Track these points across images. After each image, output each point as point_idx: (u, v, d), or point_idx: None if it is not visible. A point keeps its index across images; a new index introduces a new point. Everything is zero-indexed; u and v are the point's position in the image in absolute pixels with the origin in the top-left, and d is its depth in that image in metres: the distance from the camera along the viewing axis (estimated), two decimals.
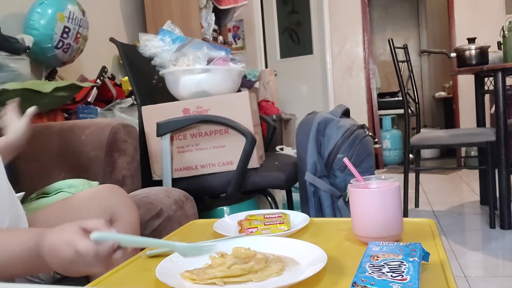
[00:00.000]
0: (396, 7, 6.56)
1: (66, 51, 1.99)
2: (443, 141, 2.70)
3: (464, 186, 3.68)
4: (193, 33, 2.84)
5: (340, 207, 1.71)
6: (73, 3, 2.00)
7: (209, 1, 3.10)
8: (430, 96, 6.34)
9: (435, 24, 6.15)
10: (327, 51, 4.85)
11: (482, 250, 2.17)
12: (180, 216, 1.32)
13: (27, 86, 1.53)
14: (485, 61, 2.66)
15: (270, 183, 1.70)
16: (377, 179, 0.84)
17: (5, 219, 0.84)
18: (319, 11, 4.89)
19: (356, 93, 4.83)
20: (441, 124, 5.97)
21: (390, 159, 4.99)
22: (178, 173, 1.71)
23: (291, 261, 0.71)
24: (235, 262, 0.68)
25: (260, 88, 3.96)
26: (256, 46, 4.86)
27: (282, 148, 2.87)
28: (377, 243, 0.70)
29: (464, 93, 4.56)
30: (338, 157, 1.70)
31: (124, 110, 2.05)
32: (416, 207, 3.01)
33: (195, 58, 1.71)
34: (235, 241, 0.80)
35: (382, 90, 5.75)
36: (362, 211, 0.79)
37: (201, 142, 1.69)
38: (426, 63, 6.50)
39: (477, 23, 4.39)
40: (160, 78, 1.83)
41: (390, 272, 0.58)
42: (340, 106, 1.85)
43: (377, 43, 6.53)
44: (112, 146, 1.37)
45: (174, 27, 1.81)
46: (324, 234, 0.89)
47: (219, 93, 1.73)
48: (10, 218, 0.86)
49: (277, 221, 0.92)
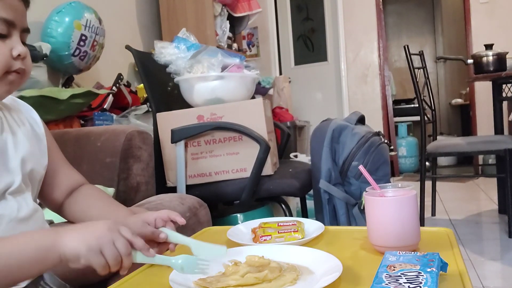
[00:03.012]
0: (412, 14, 6.52)
1: (83, 58, 2.01)
2: (460, 148, 2.66)
3: (482, 195, 3.62)
4: (208, 41, 2.86)
5: (355, 215, 1.69)
6: (90, 12, 2.03)
7: (223, 9, 3.12)
8: (446, 103, 6.27)
9: (451, 30, 6.09)
10: (342, 57, 4.84)
11: (500, 260, 2.13)
12: (194, 223, 1.32)
13: (44, 93, 1.55)
14: (503, 67, 2.63)
15: (284, 191, 1.69)
16: (394, 187, 0.82)
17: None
18: (333, 18, 4.88)
19: (371, 100, 4.79)
20: (457, 131, 5.89)
21: (405, 167, 4.94)
22: (192, 180, 1.71)
23: (306, 270, 0.70)
24: (249, 271, 0.67)
25: (274, 95, 3.96)
26: (270, 53, 4.87)
27: (296, 155, 2.86)
28: (394, 253, 0.68)
29: (481, 100, 4.49)
30: (353, 165, 1.68)
31: (139, 117, 2.07)
32: (432, 216, 2.97)
33: (209, 65, 1.71)
34: (248, 249, 0.79)
35: (397, 97, 5.71)
36: (378, 220, 0.78)
37: (215, 149, 1.69)
38: (442, 69, 6.44)
39: (494, 30, 4.33)
40: (175, 85, 1.84)
41: (408, 283, 0.57)
42: (355, 113, 1.83)
43: (392, 50, 6.49)
44: (127, 152, 1.38)
45: (189, 35, 1.83)
46: (339, 243, 0.88)
47: (233, 100, 1.73)
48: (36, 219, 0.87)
49: (291, 229, 0.91)
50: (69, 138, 1.47)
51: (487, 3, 4.40)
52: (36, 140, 0.91)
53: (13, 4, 0.76)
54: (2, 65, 0.75)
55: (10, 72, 0.77)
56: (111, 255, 0.66)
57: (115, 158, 1.36)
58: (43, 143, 0.93)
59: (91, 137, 1.43)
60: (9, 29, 0.76)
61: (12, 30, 0.77)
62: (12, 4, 0.76)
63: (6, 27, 0.75)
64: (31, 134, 0.90)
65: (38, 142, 0.91)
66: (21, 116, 0.91)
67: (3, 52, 0.75)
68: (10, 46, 0.76)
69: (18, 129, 0.87)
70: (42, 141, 0.93)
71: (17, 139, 0.85)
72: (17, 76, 0.78)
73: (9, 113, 0.88)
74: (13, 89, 0.80)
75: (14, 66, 0.77)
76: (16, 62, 0.77)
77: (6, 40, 0.76)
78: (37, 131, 0.93)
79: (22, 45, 0.78)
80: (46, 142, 0.94)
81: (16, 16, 0.77)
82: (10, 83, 0.78)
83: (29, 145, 0.87)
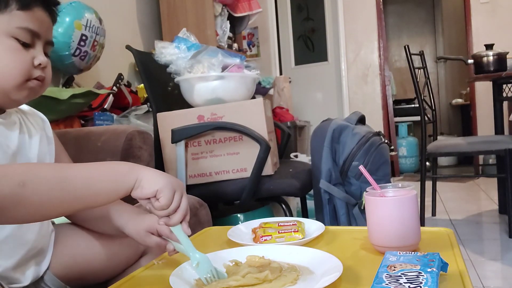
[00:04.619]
0: (412, 14, 6.52)
1: (83, 58, 2.01)
2: (460, 148, 2.66)
3: (482, 195, 3.62)
4: (208, 41, 2.86)
5: (356, 215, 1.69)
6: (91, 12, 2.03)
7: (224, 9, 3.12)
8: (446, 103, 6.27)
9: (451, 30, 6.09)
10: (342, 57, 4.83)
11: (501, 260, 2.12)
12: (194, 223, 1.32)
13: (44, 93, 1.55)
14: (503, 67, 2.62)
15: (284, 191, 1.69)
16: (394, 187, 0.82)
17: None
18: (334, 18, 4.88)
19: (371, 100, 4.79)
20: (458, 131, 5.89)
21: (406, 167, 4.94)
22: (193, 180, 1.71)
23: (306, 270, 0.70)
24: (250, 271, 0.67)
25: (275, 95, 3.96)
26: (271, 53, 4.87)
27: (296, 155, 2.86)
28: (394, 253, 0.68)
29: (481, 100, 4.49)
30: (353, 165, 1.68)
31: (140, 117, 2.07)
32: (433, 216, 2.96)
33: (210, 65, 1.71)
34: (249, 249, 0.79)
35: (397, 97, 5.70)
36: (379, 220, 0.78)
37: (215, 149, 1.69)
38: (443, 69, 6.44)
39: (494, 29, 4.33)
40: (175, 85, 1.84)
41: (408, 283, 0.57)
42: (355, 113, 1.83)
43: (393, 50, 6.49)
44: (128, 152, 1.38)
45: (189, 35, 1.82)
46: (340, 243, 0.88)
47: (234, 100, 1.73)
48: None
49: (291, 229, 0.91)
50: (70, 138, 1.47)
51: (488, 3, 4.40)
52: (47, 143, 0.95)
53: (40, 17, 0.81)
54: (23, 72, 0.79)
55: (31, 79, 0.81)
56: (177, 201, 0.72)
57: (115, 158, 1.36)
58: (52, 146, 0.96)
59: (92, 137, 1.43)
60: (33, 39, 0.81)
61: (36, 41, 0.81)
62: (40, 17, 0.81)
63: (31, 37, 0.80)
64: (43, 137, 0.94)
65: (48, 145, 0.95)
66: (37, 120, 0.95)
67: (25, 60, 0.79)
68: (33, 55, 0.81)
69: (33, 132, 0.91)
70: (51, 145, 0.96)
71: (32, 141, 0.89)
72: (37, 83, 0.83)
73: (26, 116, 0.93)
74: (32, 95, 0.84)
75: (35, 74, 0.81)
76: (37, 70, 0.82)
77: (30, 49, 0.81)
78: (48, 135, 0.97)
79: (44, 56, 0.83)
80: (54, 146, 0.97)
81: (41, 28, 0.81)
82: (30, 89, 0.82)
83: (41, 147, 0.91)
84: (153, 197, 0.70)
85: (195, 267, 0.70)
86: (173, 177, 0.74)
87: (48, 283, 0.91)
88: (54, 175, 0.65)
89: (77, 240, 0.96)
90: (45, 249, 0.91)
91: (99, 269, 0.95)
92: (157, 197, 0.70)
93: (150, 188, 0.69)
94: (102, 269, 0.95)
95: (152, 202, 0.71)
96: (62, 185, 0.65)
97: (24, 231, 0.84)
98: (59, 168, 0.70)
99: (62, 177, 0.66)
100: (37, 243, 0.87)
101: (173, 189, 0.71)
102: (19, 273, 0.84)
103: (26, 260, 0.85)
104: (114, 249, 0.96)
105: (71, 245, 0.95)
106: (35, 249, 0.87)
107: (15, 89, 0.80)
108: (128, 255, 0.98)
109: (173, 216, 0.72)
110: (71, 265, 0.93)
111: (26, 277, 0.85)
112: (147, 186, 0.69)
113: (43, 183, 0.63)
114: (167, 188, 0.70)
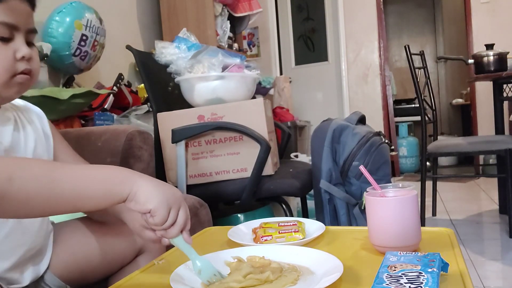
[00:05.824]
0: (412, 14, 6.51)
1: (84, 58, 2.01)
2: (461, 148, 2.66)
3: (482, 195, 3.62)
4: (209, 41, 2.86)
5: (356, 215, 1.69)
6: (91, 12, 2.03)
7: (224, 9, 3.12)
8: (447, 103, 6.27)
9: (452, 30, 6.09)
10: (342, 57, 4.83)
11: (501, 260, 2.12)
12: (195, 223, 1.32)
13: (44, 93, 1.55)
14: (503, 67, 2.62)
15: (285, 191, 1.69)
16: (394, 187, 0.82)
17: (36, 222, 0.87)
18: (334, 18, 4.88)
19: (371, 100, 4.79)
20: (458, 131, 5.88)
21: (406, 167, 4.93)
22: (193, 180, 1.71)
23: (306, 270, 0.70)
24: (251, 271, 0.67)
25: (275, 95, 3.96)
26: (271, 53, 4.87)
27: (296, 155, 2.86)
28: (395, 253, 0.68)
29: (482, 100, 4.49)
30: (353, 165, 1.68)
31: (140, 117, 2.07)
32: (433, 216, 2.96)
33: (210, 65, 1.71)
34: (249, 249, 0.79)
35: (398, 97, 5.70)
36: (379, 220, 0.78)
37: (215, 149, 1.69)
38: (443, 69, 6.43)
39: (495, 29, 4.33)
40: (175, 85, 1.84)
41: (408, 283, 0.57)
42: (356, 113, 1.83)
43: (393, 50, 6.49)
44: (128, 152, 1.38)
45: (189, 35, 1.82)
46: (340, 243, 0.88)
47: (234, 100, 1.73)
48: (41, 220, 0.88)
49: (292, 229, 0.91)
50: (70, 138, 1.46)
51: (488, 3, 4.40)
52: (45, 139, 0.93)
53: (16, 8, 0.76)
54: (6, 68, 0.76)
55: (17, 74, 0.78)
56: (173, 218, 0.69)
57: (115, 158, 1.36)
58: (49, 141, 0.94)
59: (92, 137, 1.42)
60: (11, 32, 0.77)
61: (15, 33, 0.77)
62: (16, 7, 0.76)
63: (8, 30, 0.76)
64: (40, 133, 0.92)
65: (46, 141, 0.93)
66: (32, 116, 0.93)
67: (6, 56, 0.76)
68: (14, 48, 0.77)
69: (28, 128, 0.89)
70: (49, 140, 0.94)
71: (27, 138, 0.87)
72: (25, 77, 0.79)
73: (21, 112, 0.90)
74: (23, 90, 0.81)
75: (20, 68, 0.78)
76: (21, 63, 0.78)
77: (10, 43, 0.77)
78: (45, 131, 0.94)
79: (26, 47, 0.79)
80: (52, 141, 0.95)
81: (19, 19, 0.77)
82: (19, 85, 0.79)
83: (37, 143, 0.89)
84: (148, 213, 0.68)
85: (197, 274, 0.69)
86: (169, 191, 0.70)
87: (49, 283, 0.91)
88: (44, 173, 0.63)
89: (76, 236, 0.95)
90: (44, 249, 0.90)
91: (97, 264, 0.94)
92: (151, 215, 0.67)
93: (144, 205, 0.66)
94: (100, 263, 0.94)
95: (147, 217, 0.68)
96: (51, 185, 0.62)
97: (22, 232, 0.83)
98: (51, 167, 0.67)
99: (52, 176, 0.63)
100: (35, 244, 0.87)
101: (168, 207, 0.68)
102: (17, 274, 0.84)
103: (24, 261, 0.85)
104: (110, 242, 0.95)
105: (71, 243, 0.94)
106: (33, 250, 0.87)
107: (2, 87, 0.77)
108: (124, 248, 0.97)
109: (169, 230, 0.70)
110: (71, 262, 0.93)
111: (25, 278, 0.85)
112: (141, 201, 0.66)
113: (31, 180, 0.61)
114: (161, 207, 0.67)
